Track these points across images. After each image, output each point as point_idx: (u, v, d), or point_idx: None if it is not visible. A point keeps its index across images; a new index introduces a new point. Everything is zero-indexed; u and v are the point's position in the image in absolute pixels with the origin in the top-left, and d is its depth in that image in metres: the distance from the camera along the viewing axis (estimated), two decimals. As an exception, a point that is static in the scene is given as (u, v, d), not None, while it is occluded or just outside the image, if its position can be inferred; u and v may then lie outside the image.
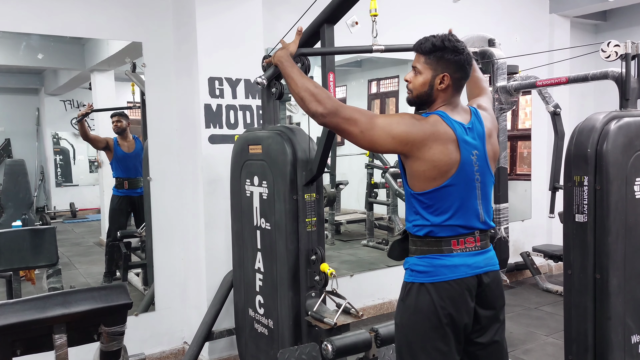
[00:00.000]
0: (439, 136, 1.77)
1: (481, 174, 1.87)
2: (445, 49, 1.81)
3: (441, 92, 1.85)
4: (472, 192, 1.85)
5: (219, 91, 3.35)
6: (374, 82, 7.01)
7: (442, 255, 1.82)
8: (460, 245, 1.83)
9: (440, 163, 1.78)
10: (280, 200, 2.62)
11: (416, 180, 1.82)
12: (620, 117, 2.25)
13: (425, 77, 1.85)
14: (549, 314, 4.43)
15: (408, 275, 1.88)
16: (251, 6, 3.44)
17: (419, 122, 1.79)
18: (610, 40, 2.43)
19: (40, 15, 3.13)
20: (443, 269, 1.81)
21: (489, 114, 2.02)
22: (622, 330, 2.25)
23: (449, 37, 1.85)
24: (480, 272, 1.85)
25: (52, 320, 1.97)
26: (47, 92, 5.44)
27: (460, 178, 1.81)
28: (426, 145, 1.76)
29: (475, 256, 1.85)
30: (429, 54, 1.84)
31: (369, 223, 6.07)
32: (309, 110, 1.83)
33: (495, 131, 2.00)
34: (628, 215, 2.24)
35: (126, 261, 4.21)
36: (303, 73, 1.92)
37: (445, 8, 4.59)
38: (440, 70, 1.83)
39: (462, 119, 1.86)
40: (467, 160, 1.81)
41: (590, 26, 6.09)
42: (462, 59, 1.83)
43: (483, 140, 1.88)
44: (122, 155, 4.41)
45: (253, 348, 3.00)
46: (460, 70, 1.85)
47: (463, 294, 1.81)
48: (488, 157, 1.89)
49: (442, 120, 1.80)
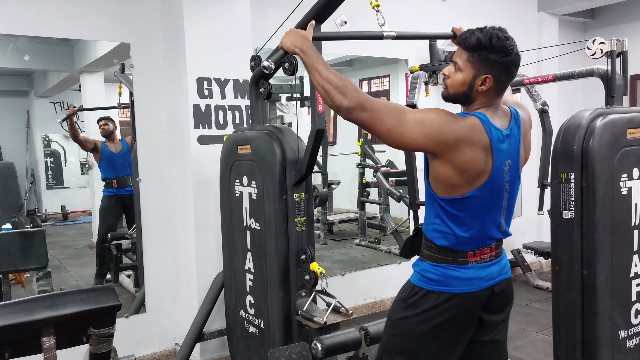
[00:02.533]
0: (473, 141, 1.63)
1: (511, 184, 1.76)
2: (491, 48, 1.64)
3: (481, 93, 1.70)
4: (498, 203, 1.75)
5: (207, 91, 3.34)
6: (365, 82, 7.01)
7: (456, 266, 1.75)
8: (476, 257, 1.76)
9: (469, 171, 1.65)
10: (269, 200, 2.62)
11: (440, 185, 1.71)
12: (606, 114, 2.26)
13: (465, 75, 1.69)
14: (540, 311, 4.45)
15: (417, 278, 1.81)
16: (239, 6, 3.44)
17: (455, 121, 1.64)
18: (596, 38, 2.45)
19: (27, 16, 3.11)
20: (456, 281, 1.74)
21: (526, 113, 1.88)
22: (609, 325, 2.27)
23: (498, 33, 1.65)
24: (493, 283, 1.80)
25: (40, 322, 1.96)
26: (36, 94, 5.42)
27: (488, 189, 1.70)
28: (458, 149, 1.62)
29: (490, 267, 1.80)
30: (474, 51, 1.66)
31: (361, 222, 6.08)
32: (334, 104, 1.66)
33: (530, 129, 1.90)
34: (614, 212, 2.26)
35: (117, 263, 4.20)
36: (327, 64, 1.72)
37: (434, 6, 4.62)
38: (483, 71, 1.66)
39: (502, 124, 1.72)
40: (498, 170, 1.69)
41: (579, 24, 6.12)
42: (510, 60, 1.66)
43: (518, 147, 1.76)
44: (110, 155, 4.44)
45: (244, 348, 3.00)
46: (505, 72, 1.68)
47: (472, 307, 1.77)
48: (520, 164, 1.79)
49: (480, 124, 1.65)
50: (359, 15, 2.55)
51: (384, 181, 5.56)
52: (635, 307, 2.35)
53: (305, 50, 1.78)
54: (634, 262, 2.33)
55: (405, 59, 4.69)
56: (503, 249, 1.89)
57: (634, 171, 2.30)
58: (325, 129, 2.86)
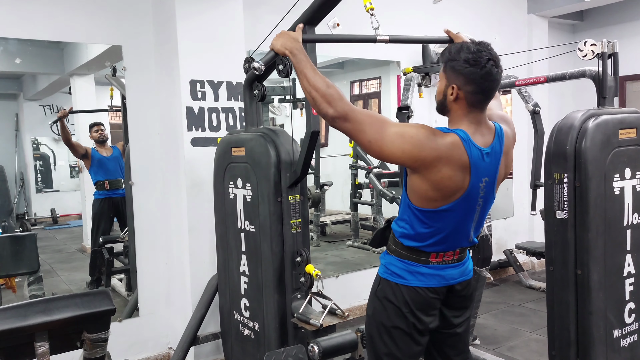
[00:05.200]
0: (451, 160, 1.67)
1: (485, 199, 1.81)
2: (458, 58, 1.70)
3: (453, 104, 1.74)
4: (469, 216, 1.82)
5: (200, 94, 3.33)
6: (357, 83, 7.03)
7: (419, 264, 1.84)
8: (438, 258, 1.85)
9: (445, 188, 1.70)
10: (264, 202, 2.61)
11: (416, 195, 1.77)
12: (598, 114, 2.28)
13: (440, 85, 1.77)
14: (533, 311, 4.48)
15: (383, 270, 1.92)
16: (232, 8, 3.43)
17: (435, 138, 1.67)
18: (587, 40, 2.47)
19: (17, 18, 3.08)
20: (418, 275, 1.84)
21: (510, 128, 1.91)
22: (603, 325, 2.28)
23: (469, 45, 1.71)
24: (453, 282, 1.89)
25: (33, 328, 1.95)
26: (26, 97, 5.38)
27: (463, 204, 1.76)
28: (435, 166, 1.66)
29: (451, 269, 1.88)
30: (445, 61, 1.75)
31: (354, 224, 6.08)
32: (319, 111, 1.72)
33: (513, 145, 1.91)
34: (607, 211, 2.27)
35: (109, 267, 4.17)
36: (316, 69, 1.76)
37: (424, 8, 4.62)
38: (451, 80, 1.73)
39: (483, 141, 1.74)
40: (474, 188, 1.74)
41: (568, 26, 6.18)
42: (475, 71, 1.68)
43: (498, 164, 1.79)
44: (101, 159, 4.43)
45: (239, 352, 2.99)
46: (471, 84, 1.70)
47: (432, 300, 1.86)
48: (497, 181, 1.83)
49: (460, 143, 1.68)
50: (352, 18, 2.55)
51: (376, 182, 5.56)
52: (628, 306, 2.37)
53: (295, 53, 1.81)
54: (626, 262, 2.35)
55: (397, 61, 4.70)
56: (467, 252, 1.96)
57: (626, 171, 2.32)
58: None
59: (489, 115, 1.86)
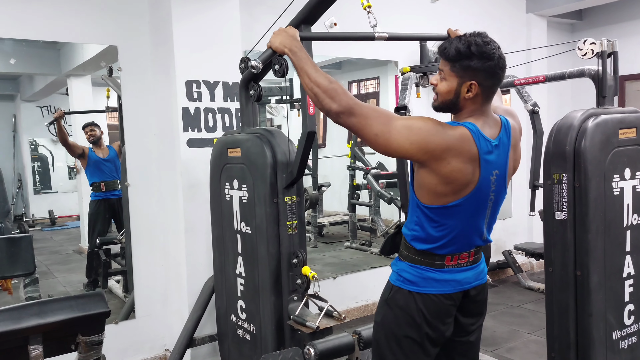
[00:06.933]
0: (461, 152, 1.62)
1: (496, 194, 1.75)
2: (472, 55, 1.63)
3: (468, 100, 1.68)
4: (482, 212, 1.76)
5: (196, 94, 3.31)
6: (355, 84, 7.01)
7: (433, 269, 1.76)
8: (453, 261, 1.77)
9: (455, 181, 1.64)
10: (260, 203, 2.59)
11: (425, 192, 1.70)
12: (598, 114, 2.26)
13: (450, 84, 1.68)
14: (532, 312, 4.46)
15: (395, 278, 1.83)
16: (228, 8, 3.41)
17: (444, 130, 1.62)
18: (587, 39, 2.45)
19: (12, 19, 3.06)
20: (432, 282, 1.76)
21: (516, 121, 1.87)
22: (603, 326, 2.27)
23: (476, 39, 1.65)
24: (468, 287, 1.82)
25: (27, 331, 1.93)
26: (23, 98, 5.35)
27: (474, 199, 1.69)
28: (445, 159, 1.61)
29: (467, 271, 1.81)
30: (454, 61, 1.66)
31: (352, 225, 6.07)
32: (323, 107, 1.66)
33: (520, 138, 1.87)
34: (607, 212, 2.25)
35: (106, 268, 4.15)
36: (317, 66, 1.71)
37: (423, 8, 4.61)
38: (467, 78, 1.65)
39: (491, 133, 1.70)
40: (485, 181, 1.68)
41: (567, 25, 6.16)
42: (493, 64, 1.64)
43: (507, 156, 1.75)
44: (97, 160, 4.41)
45: (236, 354, 2.97)
46: (491, 78, 1.66)
47: (448, 307, 1.79)
48: (508, 175, 1.78)
49: (469, 134, 1.63)
50: (349, 18, 2.53)
51: (374, 183, 5.55)
52: (628, 307, 2.35)
53: (294, 51, 1.76)
54: (626, 263, 2.33)
55: (395, 61, 4.69)
56: (482, 254, 1.90)
57: (625, 171, 2.30)
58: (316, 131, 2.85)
59: (494, 108, 1.82)
